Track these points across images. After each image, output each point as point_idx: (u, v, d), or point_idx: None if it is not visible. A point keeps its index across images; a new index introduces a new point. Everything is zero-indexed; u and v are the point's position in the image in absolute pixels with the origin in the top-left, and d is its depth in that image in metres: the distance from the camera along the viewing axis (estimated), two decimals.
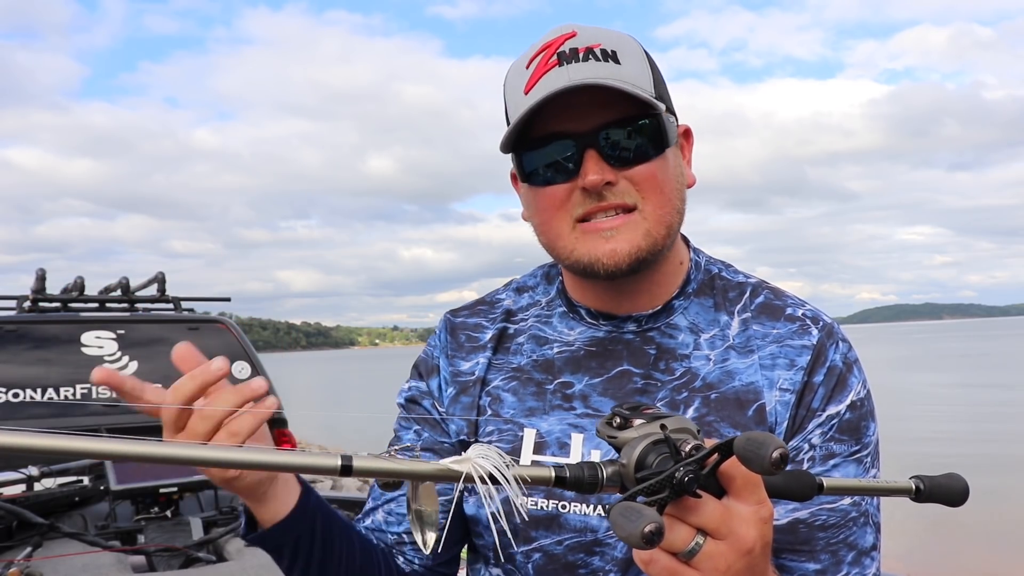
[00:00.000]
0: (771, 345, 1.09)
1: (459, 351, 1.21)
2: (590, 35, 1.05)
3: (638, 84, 1.03)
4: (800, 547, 1.01)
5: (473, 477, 0.69)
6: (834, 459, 1.04)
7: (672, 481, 0.70)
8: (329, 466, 0.66)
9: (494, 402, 1.15)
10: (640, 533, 0.63)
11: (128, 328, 5.38)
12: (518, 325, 1.21)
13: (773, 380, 1.07)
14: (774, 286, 1.17)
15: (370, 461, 0.67)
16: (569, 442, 1.09)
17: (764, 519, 0.76)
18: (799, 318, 1.11)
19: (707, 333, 1.12)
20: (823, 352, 1.08)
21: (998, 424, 18.63)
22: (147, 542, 3.13)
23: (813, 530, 1.01)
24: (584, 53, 1.03)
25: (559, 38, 1.05)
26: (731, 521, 0.73)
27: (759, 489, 0.75)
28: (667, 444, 0.72)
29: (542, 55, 1.05)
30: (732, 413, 1.06)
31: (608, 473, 0.74)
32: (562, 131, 1.04)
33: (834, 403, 1.06)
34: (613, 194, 1.03)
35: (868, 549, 1.04)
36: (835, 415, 1.05)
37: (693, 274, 1.16)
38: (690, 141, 1.15)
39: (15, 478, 3.27)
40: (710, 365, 1.10)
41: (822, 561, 1.01)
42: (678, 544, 0.73)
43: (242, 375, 5.60)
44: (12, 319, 5.19)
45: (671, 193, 1.06)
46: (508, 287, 1.26)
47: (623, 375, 1.11)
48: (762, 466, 0.66)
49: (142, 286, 6.06)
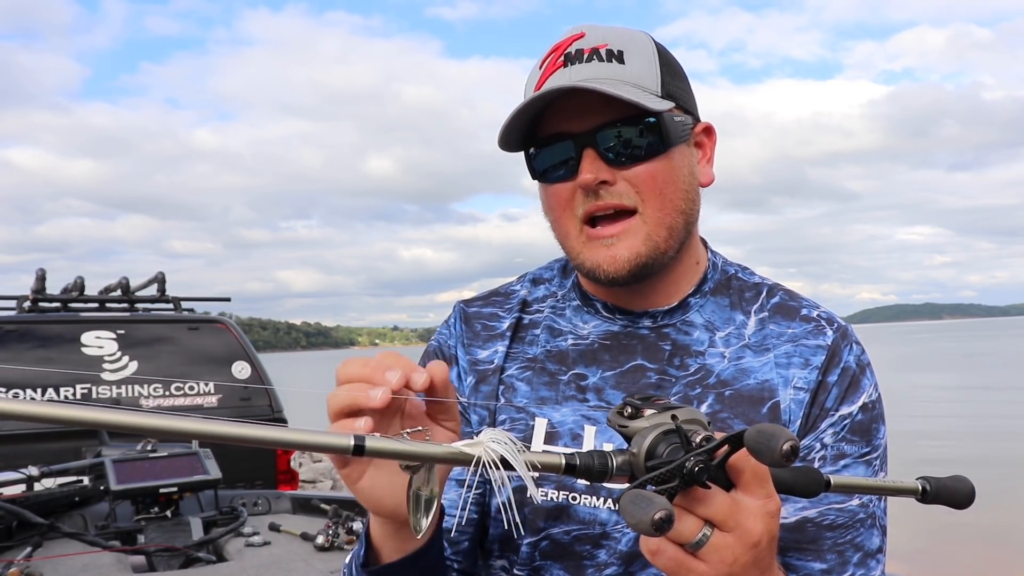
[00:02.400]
0: (786, 344, 1.10)
1: (475, 340, 1.20)
2: (598, 36, 1.06)
3: (641, 83, 1.04)
4: (807, 546, 1.01)
5: (485, 460, 0.69)
6: (845, 459, 1.05)
7: (683, 471, 0.70)
8: (341, 445, 0.66)
9: (508, 391, 1.16)
10: (651, 520, 0.63)
11: (128, 328, 5.39)
12: (533, 316, 1.21)
13: (788, 378, 1.08)
14: (789, 288, 1.18)
15: (382, 442, 0.67)
16: (582, 433, 1.10)
17: (771, 513, 0.76)
18: (814, 319, 1.12)
19: (722, 331, 1.13)
20: (838, 352, 1.09)
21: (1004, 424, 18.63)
22: (147, 542, 3.12)
23: (821, 529, 1.01)
24: (589, 54, 1.05)
25: (568, 39, 1.07)
26: (739, 514, 0.73)
27: (767, 483, 0.76)
28: (678, 434, 0.72)
29: (552, 56, 1.07)
30: (746, 410, 1.07)
31: (618, 462, 0.74)
32: (564, 131, 1.05)
33: (847, 403, 1.06)
34: (611, 194, 1.04)
35: (874, 551, 1.04)
36: (847, 416, 1.06)
37: (710, 273, 1.17)
38: (712, 139, 1.15)
39: (15, 478, 3.27)
40: (725, 362, 1.10)
41: (828, 561, 1.01)
42: (685, 535, 0.73)
43: (242, 375, 5.60)
44: (12, 319, 5.19)
45: (673, 194, 1.06)
46: (523, 279, 1.27)
47: (637, 369, 1.12)
48: (772, 458, 0.66)
49: (142, 286, 6.06)
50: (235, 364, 5.58)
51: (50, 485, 3.39)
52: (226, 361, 5.57)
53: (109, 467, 3.35)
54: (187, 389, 5.40)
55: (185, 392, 5.39)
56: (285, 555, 3.07)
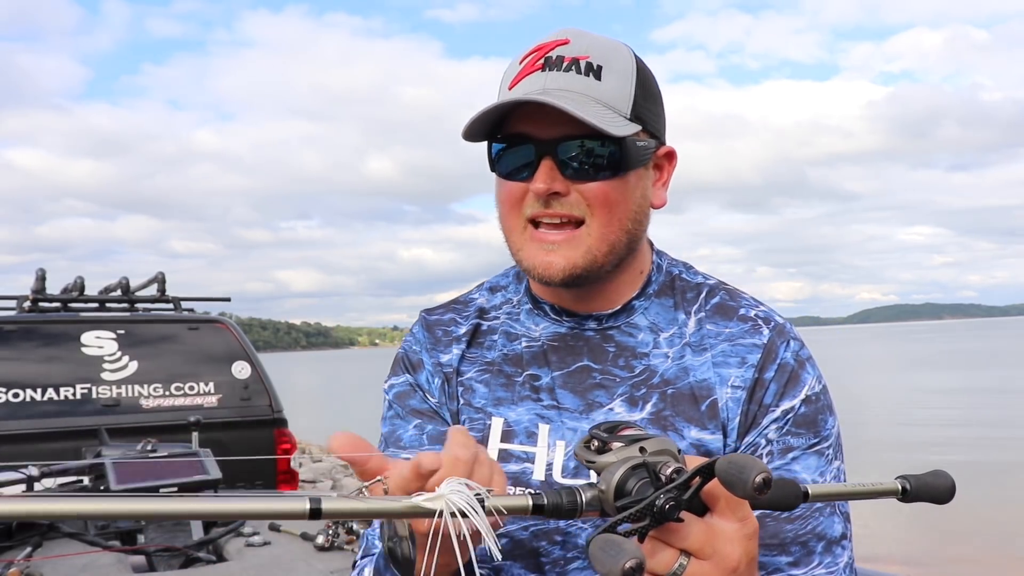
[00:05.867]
0: (724, 343, 1.13)
1: (437, 345, 1.24)
2: (582, 45, 1.07)
3: (612, 103, 1.05)
4: (769, 541, 1.01)
5: (446, 514, 0.67)
6: (792, 452, 1.06)
7: (653, 509, 0.69)
8: (297, 510, 0.64)
9: (466, 392, 1.19)
10: (620, 570, 0.62)
11: (128, 328, 5.38)
12: (491, 322, 1.24)
13: (725, 377, 1.10)
14: (731, 288, 1.20)
15: (340, 502, 0.66)
16: (536, 431, 1.13)
17: (749, 535, 0.75)
18: (751, 318, 1.14)
19: (666, 332, 1.16)
20: (774, 350, 1.11)
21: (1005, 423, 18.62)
22: (147, 542, 3.12)
23: (780, 523, 1.02)
24: (569, 63, 1.06)
25: (552, 43, 1.08)
26: (715, 541, 0.73)
27: (743, 506, 0.75)
28: (646, 470, 0.71)
29: (533, 55, 1.08)
30: (687, 408, 1.09)
31: (587, 498, 0.73)
32: (528, 134, 1.07)
33: (788, 398, 1.08)
34: (561, 204, 1.06)
35: (838, 538, 1.05)
36: (790, 410, 1.08)
37: (654, 276, 1.20)
38: (672, 163, 1.17)
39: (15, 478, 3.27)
40: (668, 362, 1.13)
41: (793, 553, 1.02)
42: (661, 568, 0.73)
43: (242, 375, 5.60)
44: (12, 319, 5.18)
45: (622, 214, 1.08)
46: (481, 287, 1.30)
47: (583, 370, 1.14)
48: (745, 491, 0.65)
49: (142, 286, 6.05)
50: (235, 364, 5.58)
51: (50, 485, 3.39)
52: (226, 361, 5.57)
53: (109, 467, 3.35)
54: (187, 389, 5.41)
55: (185, 392, 5.39)
56: (285, 555, 3.08)
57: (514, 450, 1.13)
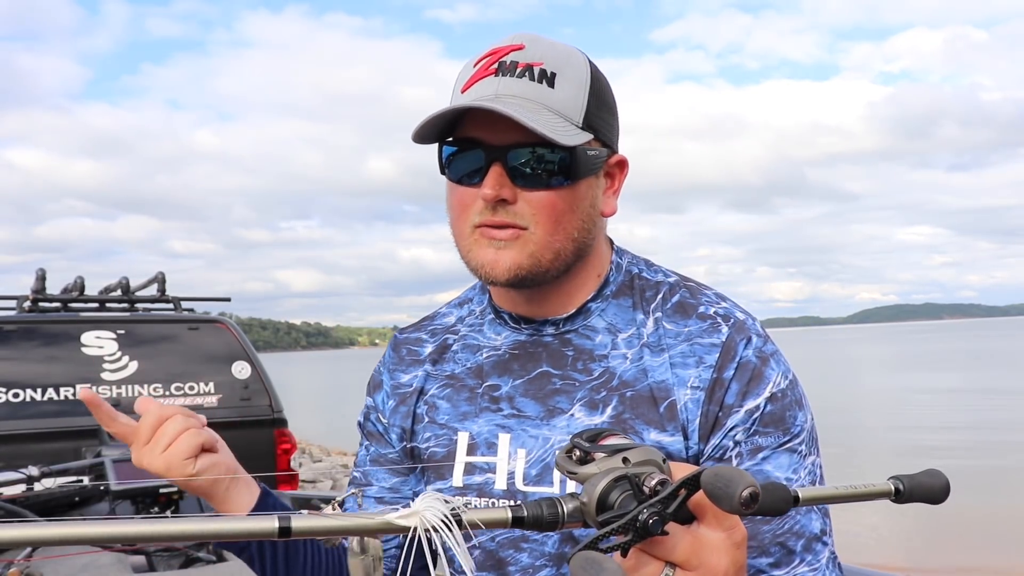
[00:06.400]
0: (682, 344, 1.10)
1: (399, 364, 1.27)
2: (537, 52, 1.06)
3: (564, 111, 1.04)
4: (748, 543, 1.01)
5: (420, 532, 0.66)
6: (762, 452, 1.04)
7: (636, 524, 0.67)
8: (266, 530, 0.63)
9: (431, 410, 1.21)
10: None
11: (128, 328, 5.39)
12: (456, 336, 1.25)
13: (683, 378, 1.08)
14: (693, 284, 1.17)
15: (310, 520, 0.65)
16: (496, 442, 1.13)
17: (737, 544, 0.74)
18: (711, 316, 1.12)
19: (624, 333, 1.14)
20: (732, 348, 1.08)
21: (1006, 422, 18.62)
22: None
23: (756, 524, 1.00)
24: (522, 69, 1.04)
25: (507, 47, 1.07)
26: (702, 551, 0.72)
27: (731, 515, 0.73)
28: (629, 482, 0.69)
29: (487, 59, 1.07)
30: (646, 410, 1.07)
31: (569, 509, 0.71)
32: (479, 139, 1.06)
33: (751, 397, 1.06)
34: (508, 212, 1.05)
35: (818, 535, 1.03)
36: (755, 409, 1.05)
37: (612, 276, 1.18)
38: (624, 171, 1.16)
39: (15, 478, 3.27)
40: (627, 364, 1.11)
41: (773, 554, 1.01)
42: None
43: (242, 375, 5.60)
44: (12, 319, 5.19)
45: (568, 223, 1.07)
46: (451, 303, 1.31)
47: (543, 376, 1.14)
48: (731, 505, 0.64)
49: (142, 286, 6.06)
50: (235, 364, 5.58)
51: (50, 485, 3.39)
52: (226, 361, 5.57)
53: (109, 467, 3.34)
54: (187, 389, 5.41)
55: (185, 392, 5.40)
56: None
57: (477, 462, 1.14)
